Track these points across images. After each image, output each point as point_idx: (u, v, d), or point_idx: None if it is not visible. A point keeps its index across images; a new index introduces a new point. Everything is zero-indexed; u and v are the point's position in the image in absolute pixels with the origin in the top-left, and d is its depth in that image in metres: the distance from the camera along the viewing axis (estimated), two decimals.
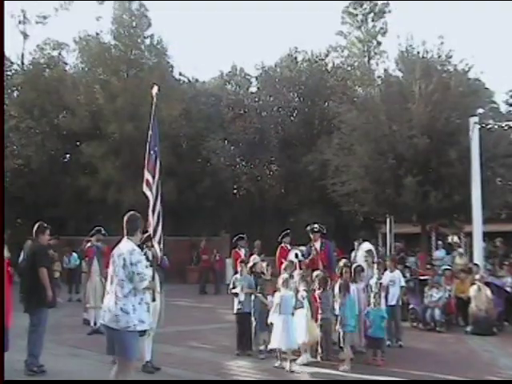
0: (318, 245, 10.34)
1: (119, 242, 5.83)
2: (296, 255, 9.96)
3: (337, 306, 8.67)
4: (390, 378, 7.70)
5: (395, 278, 10.46)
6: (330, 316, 8.79)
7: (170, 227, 19.73)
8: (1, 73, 20.53)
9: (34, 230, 8.10)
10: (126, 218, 5.83)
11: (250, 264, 9.75)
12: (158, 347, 8.26)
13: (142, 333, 5.58)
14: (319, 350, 8.72)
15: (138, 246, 8.41)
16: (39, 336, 7.80)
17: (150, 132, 7.84)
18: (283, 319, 8.12)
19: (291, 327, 8.14)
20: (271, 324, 8.44)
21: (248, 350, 9.11)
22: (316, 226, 10.51)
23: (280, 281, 8.51)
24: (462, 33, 49.73)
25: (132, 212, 5.91)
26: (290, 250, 10.84)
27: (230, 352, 9.22)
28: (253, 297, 9.14)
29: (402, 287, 10.57)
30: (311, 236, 10.45)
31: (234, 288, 9.41)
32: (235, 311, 9.38)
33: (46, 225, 8.21)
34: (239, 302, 9.26)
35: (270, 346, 8.43)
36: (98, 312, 9.60)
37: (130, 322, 5.29)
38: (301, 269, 9.64)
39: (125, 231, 5.77)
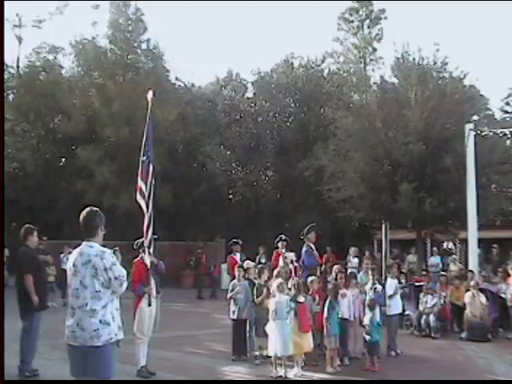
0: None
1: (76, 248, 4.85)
2: (292, 261, 9.93)
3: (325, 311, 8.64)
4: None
5: (398, 286, 10.40)
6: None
7: (165, 232, 19.67)
8: (1, 74, 20.50)
9: (21, 234, 7.96)
10: (81, 217, 4.77)
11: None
12: (154, 352, 8.25)
13: (117, 342, 4.74)
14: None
15: (133, 249, 8.44)
16: (32, 341, 7.72)
17: (145, 137, 7.78)
18: (278, 325, 8.06)
19: (286, 332, 8.07)
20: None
21: (244, 356, 9.10)
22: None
23: (274, 286, 8.39)
24: (457, 40, 50.07)
25: (88, 209, 4.84)
26: (282, 254, 10.82)
27: (225, 357, 9.21)
28: (249, 302, 9.12)
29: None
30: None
31: (232, 294, 9.37)
32: (232, 317, 9.35)
33: (33, 226, 8.11)
34: (236, 308, 9.23)
35: (267, 353, 8.36)
36: None
37: (111, 333, 4.60)
38: (296, 275, 9.61)
39: (83, 233, 4.76)
